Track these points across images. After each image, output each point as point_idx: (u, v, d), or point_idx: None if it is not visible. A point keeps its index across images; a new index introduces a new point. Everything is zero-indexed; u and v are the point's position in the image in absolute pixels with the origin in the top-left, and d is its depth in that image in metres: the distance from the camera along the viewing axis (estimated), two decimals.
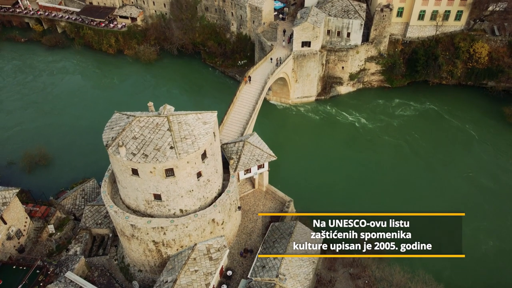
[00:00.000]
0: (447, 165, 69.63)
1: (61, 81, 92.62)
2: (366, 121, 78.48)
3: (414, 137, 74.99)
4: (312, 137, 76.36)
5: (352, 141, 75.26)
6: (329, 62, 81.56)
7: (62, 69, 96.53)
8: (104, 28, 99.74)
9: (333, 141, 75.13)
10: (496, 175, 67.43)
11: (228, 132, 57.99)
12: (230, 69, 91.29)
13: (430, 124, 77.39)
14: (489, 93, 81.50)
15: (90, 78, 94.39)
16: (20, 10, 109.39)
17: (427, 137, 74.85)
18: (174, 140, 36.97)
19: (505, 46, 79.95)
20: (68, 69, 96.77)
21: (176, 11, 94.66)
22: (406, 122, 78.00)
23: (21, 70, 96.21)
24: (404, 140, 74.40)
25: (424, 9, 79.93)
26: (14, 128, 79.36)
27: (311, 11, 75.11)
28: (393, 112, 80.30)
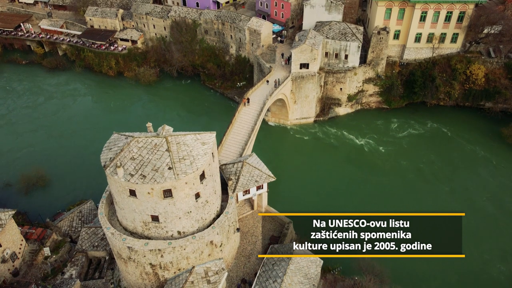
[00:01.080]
0: (447, 184, 69.34)
1: (60, 103, 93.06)
2: (365, 141, 78.54)
3: (414, 157, 74.94)
4: (311, 158, 76.23)
5: (352, 162, 75.10)
6: (327, 83, 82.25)
7: (62, 91, 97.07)
8: (104, 51, 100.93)
9: (332, 162, 74.96)
10: (497, 195, 67.03)
11: (227, 153, 57.84)
12: (229, 90, 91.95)
13: (429, 145, 77.45)
14: (486, 114, 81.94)
15: (89, 100, 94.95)
16: (22, 33, 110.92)
17: (426, 158, 74.76)
18: (172, 161, 36.79)
19: (501, 68, 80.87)
20: (67, 91, 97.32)
21: (176, 34, 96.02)
22: (405, 142, 78.07)
23: (20, 92, 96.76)
24: (404, 160, 74.34)
25: (420, 31, 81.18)
26: (11, 149, 79.11)
27: (309, 34, 76.19)
28: (392, 132, 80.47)
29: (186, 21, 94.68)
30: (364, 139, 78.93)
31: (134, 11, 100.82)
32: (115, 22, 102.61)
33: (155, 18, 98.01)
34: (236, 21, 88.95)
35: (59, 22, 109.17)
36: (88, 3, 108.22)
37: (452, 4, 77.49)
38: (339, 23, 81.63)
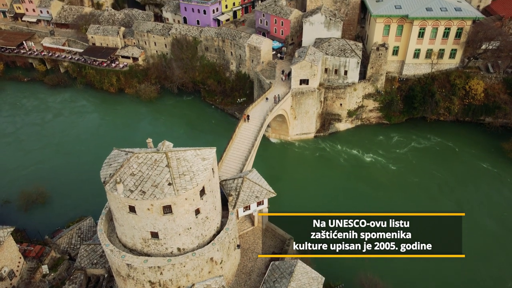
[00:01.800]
0: (449, 197, 68.94)
1: (61, 119, 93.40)
2: (366, 156, 78.41)
3: (415, 171, 74.67)
4: (312, 173, 75.99)
5: (353, 177, 74.83)
6: (327, 99, 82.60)
7: (63, 107, 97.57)
8: (106, 68, 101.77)
9: (333, 178, 74.70)
10: (499, 209, 66.54)
11: (227, 169, 57.68)
12: (230, 106, 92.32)
13: (430, 159, 77.24)
14: (487, 129, 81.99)
15: (90, 116, 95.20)
16: (25, 51, 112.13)
17: (427, 172, 74.44)
18: (172, 177, 36.64)
19: (500, 83, 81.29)
20: (68, 107, 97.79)
21: (177, 51, 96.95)
22: (406, 157, 77.91)
23: (21, 108, 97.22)
24: (405, 175, 74.04)
25: (419, 47, 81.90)
26: (11, 166, 79.02)
27: (309, 50, 76.88)
28: (392, 147, 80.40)
29: (187, 38, 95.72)
30: (365, 154, 78.82)
31: (136, 29, 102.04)
32: (117, 40, 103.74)
33: (156, 35, 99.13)
34: (236, 38, 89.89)
35: (61, 40, 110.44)
36: (90, 21, 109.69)
37: (450, 21, 78.36)
38: (338, 39, 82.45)
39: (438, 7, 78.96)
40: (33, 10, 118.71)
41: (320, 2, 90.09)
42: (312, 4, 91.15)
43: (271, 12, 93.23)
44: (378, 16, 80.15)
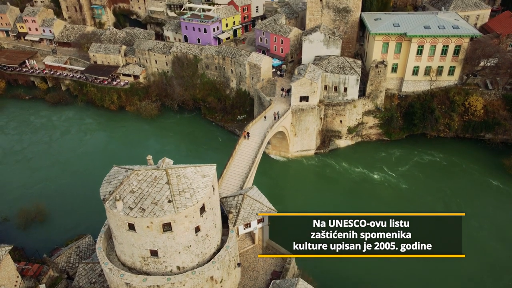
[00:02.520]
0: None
1: (61, 137, 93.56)
2: (367, 173, 78.15)
3: (416, 187, 74.30)
4: (312, 190, 75.65)
5: (354, 193, 74.41)
6: (327, 116, 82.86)
7: (63, 125, 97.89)
8: (107, 86, 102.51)
9: (334, 194, 74.29)
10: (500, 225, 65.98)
11: (228, 186, 57.42)
12: (230, 123, 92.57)
13: (430, 176, 76.93)
14: (487, 145, 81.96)
15: (90, 134, 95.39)
16: (27, 69, 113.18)
17: (428, 189, 74.07)
18: (172, 194, 36.45)
19: (499, 100, 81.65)
20: (69, 125, 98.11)
21: (178, 69, 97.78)
22: (407, 173, 77.61)
23: (21, 126, 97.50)
24: (407, 192, 73.62)
25: (418, 65, 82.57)
26: (10, 183, 78.79)
27: (308, 68, 77.50)
28: (393, 164, 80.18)
29: (188, 56, 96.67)
30: (366, 170, 78.58)
31: (137, 47, 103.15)
32: (118, 58, 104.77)
33: (157, 53, 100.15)
34: (237, 56, 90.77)
35: (63, 58, 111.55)
36: (92, 40, 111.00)
37: (448, 38, 79.21)
38: (337, 57, 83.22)
39: (435, 25, 79.93)
40: (35, 29, 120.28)
41: (319, 20, 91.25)
42: (311, 22, 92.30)
43: (271, 30, 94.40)
44: (377, 34, 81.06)
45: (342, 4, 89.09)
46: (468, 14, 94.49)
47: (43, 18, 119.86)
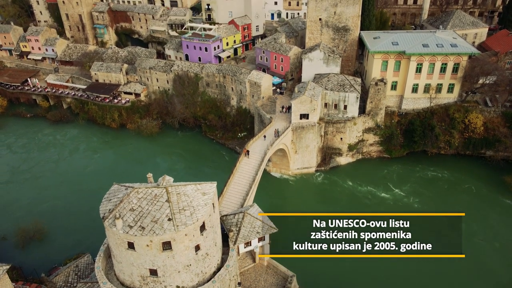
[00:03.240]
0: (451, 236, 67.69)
1: (62, 155, 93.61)
2: (368, 190, 77.76)
3: (418, 205, 73.76)
4: (314, 208, 75.01)
5: (355, 211, 73.61)
6: (327, 133, 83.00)
7: (64, 143, 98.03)
8: (108, 104, 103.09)
9: (333, 211, 73.59)
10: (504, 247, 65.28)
11: (228, 204, 57.10)
12: (230, 141, 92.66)
13: (432, 193, 76.44)
14: (488, 162, 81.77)
15: (90, 152, 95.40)
16: (29, 87, 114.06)
17: (430, 206, 73.52)
18: (172, 212, 36.22)
19: (499, 117, 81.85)
20: (70, 143, 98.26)
21: (179, 87, 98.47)
22: (408, 191, 77.16)
23: (22, 144, 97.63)
24: (408, 209, 72.99)
25: (417, 82, 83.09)
26: (10, 201, 78.47)
27: (308, 85, 78.02)
28: (393, 181, 79.84)
29: (189, 74, 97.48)
30: (366, 188, 78.21)
31: (138, 66, 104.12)
32: (120, 76, 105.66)
33: (158, 72, 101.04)
34: (237, 74, 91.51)
35: (65, 77, 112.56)
36: (94, 58, 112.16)
37: (446, 56, 79.92)
38: (337, 75, 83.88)
39: (434, 43, 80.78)
40: (38, 48, 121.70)
41: (318, 39, 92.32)
42: (311, 41, 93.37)
43: (271, 49, 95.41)
44: (376, 52, 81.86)
45: (341, 23, 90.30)
46: (466, 32, 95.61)
47: (46, 37, 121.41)
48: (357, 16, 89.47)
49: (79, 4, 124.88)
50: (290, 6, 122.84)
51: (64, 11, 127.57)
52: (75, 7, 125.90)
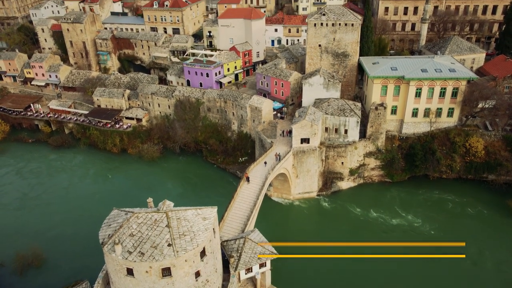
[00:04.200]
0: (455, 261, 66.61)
1: (61, 180, 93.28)
2: (370, 215, 77.01)
3: (421, 230, 72.88)
4: (315, 233, 74.18)
5: (357, 236, 72.82)
6: (328, 157, 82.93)
7: (65, 168, 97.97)
8: (110, 129, 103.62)
9: (337, 237, 72.67)
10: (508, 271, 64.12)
11: (229, 229, 56.51)
12: (231, 166, 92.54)
13: (434, 218, 75.54)
14: (490, 186, 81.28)
15: (91, 176, 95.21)
16: (32, 113, 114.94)
17: (432, 231, 72.62)
18: (172, 237, 35.82)
19: (499, 141, 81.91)
20: (71, 168, 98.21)
21: (180, 112, 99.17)
22: (410, 215, 76.37)
23: (20, 170, 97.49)
24: (412, 234, 72.11)
25: (417, 107, 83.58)
26: (8, 227, 77.71)
27: (309, 110, 78.53)
28: (395, 206, 79.15)
29: (190, 100, 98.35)
30: (368, 213, 77.50)
31: (140, 91, 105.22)
32: (122, 102, 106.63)
33: (160, 97, 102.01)
34: (238, 99, 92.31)
35: (67, 102, 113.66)
36: (97, 84, 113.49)
37: (445, 81, 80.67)
38: (337, 99, 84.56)
39: (432, 68, 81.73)
40: (42, 74, 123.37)
41: (318, 64, 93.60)
42: (311, 66, 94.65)
43: (272, 74, 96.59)
44: (375, 77, 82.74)
45: (341, 49, 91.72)
46: (463, 57, 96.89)
47: (50, 64, 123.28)
48: (356, 42, 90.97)
49: (83, 31, 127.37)
50: (290, 33, 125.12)
51: (69, 39, 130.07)
52: (79, 35, 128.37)
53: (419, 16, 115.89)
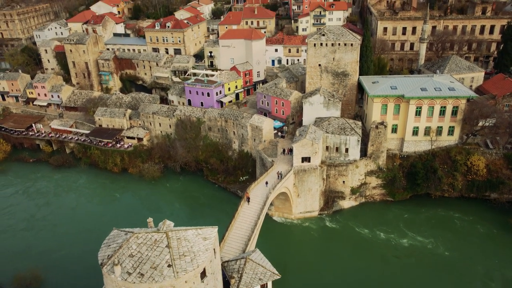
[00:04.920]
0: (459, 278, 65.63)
1: (62, 200, 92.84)
2: (372, 235, 76.21)
3: (424, 250, 72.04)
4: (318, 253, 73.35)
5: (360, 256, 71.98)
6: (329, 176, 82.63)
7: (66, 188, 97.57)
8: (111, 148, 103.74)
9: (340, 258, 71.90)
10: None
11: (229, 249, 55.84)
12: (232, 185, 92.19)
13: (436, 237, 74.76)
14: (493, 204, 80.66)
15: (91, 196, 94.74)
16: (33, 133, 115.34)
17: (435, 251, 71.78)
18: (172, 258, 35.36)
19: (501, 159, 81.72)
20: (71, 188, 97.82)
21: (181, 131, 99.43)
22: (412, 235, 75.59)
23: (22, 191, 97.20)
24: (415, 254, 71.25)
25: (417, 125, 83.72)
26: (12, 249, 76.98)
27: (309, 129, 78.68)
28: (397, 225, 78.41)
29: (191, 119, 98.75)
30: (371, 233, 76.70)
31: (142, 111, 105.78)
32: (123, 121, 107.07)
33: (161, 117, 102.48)
34: (239, 118, 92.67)
35: (69, 122, 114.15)
36: (99, 104, 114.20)
37: (445, 100, 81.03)
38: (337, 118, 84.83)
39: (432, 87, 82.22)
40: (44, 94, 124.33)
41: (318, 84, 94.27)
42: (311, 86, 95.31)
43: (272, 93, 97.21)
44: (375, 96, 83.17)
45: (340, 68, 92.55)
46: (462, 76, 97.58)
47: (52, 84, 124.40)
48: (355, 62, 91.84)
49: (86, 52, 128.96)
50: (290, 53, 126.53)
51: (71, 59, 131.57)
52: (82, 56, 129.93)
53: (417, 36, 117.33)
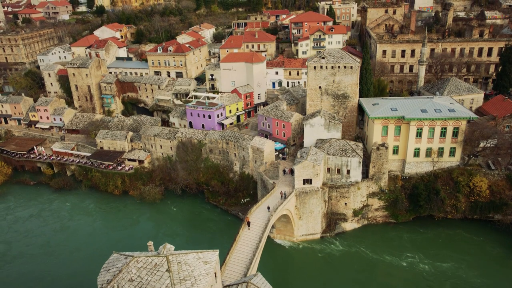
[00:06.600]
0: None
1: (61, 224, 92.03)
2: (376, 258, 75.04)
3: (427, 273, 70.76)
4: (320, 276, 72.14)
5: (363, 280, 70.77)
6: (331, 198, 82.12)
7: (66, 211, 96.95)
8: (112, 171, 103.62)
9: (343, 282, 70.66)
10: None
11: (231, 273, 55.01)
12: (233, 207, 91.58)
13: (441, 260, 73.60)
14: (497, 226, 79.77)
15: (91, 219, 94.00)
16: (34, 155, 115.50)
17: (439, 274, 70.54)
18: (172, 282, 34.81)
19: (503, 180, 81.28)
20: (72, 211, 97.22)
21: (182, 153, 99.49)
22: (415, 257, 74.39)
23: (21, 214, 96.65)
24: (418, 277, 70.00)
25: (418, 146, 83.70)
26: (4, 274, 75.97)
27: (311, 151, 78.66)
28: (401, 248, 77.34)
29: (192, 141, 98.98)
30: (374, 256, 75.55)
31: (143, 133, 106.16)
32: (124, 144, 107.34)
33: (162, 139, 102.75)
34: (240, 140, 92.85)
35: (70, 145, 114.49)
36: (100, 127, 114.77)
37: (445, 121, 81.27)
38: (338, 140, 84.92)
39: (432, 108, 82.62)
40: (47, 117, 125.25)
41: (319, 106, 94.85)
42: (312, 108, 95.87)
43: (273, 115, 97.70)
44: (376, 118, 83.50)
45: (340, 90, 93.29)
46: (462, 98, 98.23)
47: (54, 107, 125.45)
48: (355, 84, 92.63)
49: (89, 76, 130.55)
50: (290, 75, 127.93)
51: (74, 83, 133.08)
52: (84, 79, 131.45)
53: (416, 58, 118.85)
